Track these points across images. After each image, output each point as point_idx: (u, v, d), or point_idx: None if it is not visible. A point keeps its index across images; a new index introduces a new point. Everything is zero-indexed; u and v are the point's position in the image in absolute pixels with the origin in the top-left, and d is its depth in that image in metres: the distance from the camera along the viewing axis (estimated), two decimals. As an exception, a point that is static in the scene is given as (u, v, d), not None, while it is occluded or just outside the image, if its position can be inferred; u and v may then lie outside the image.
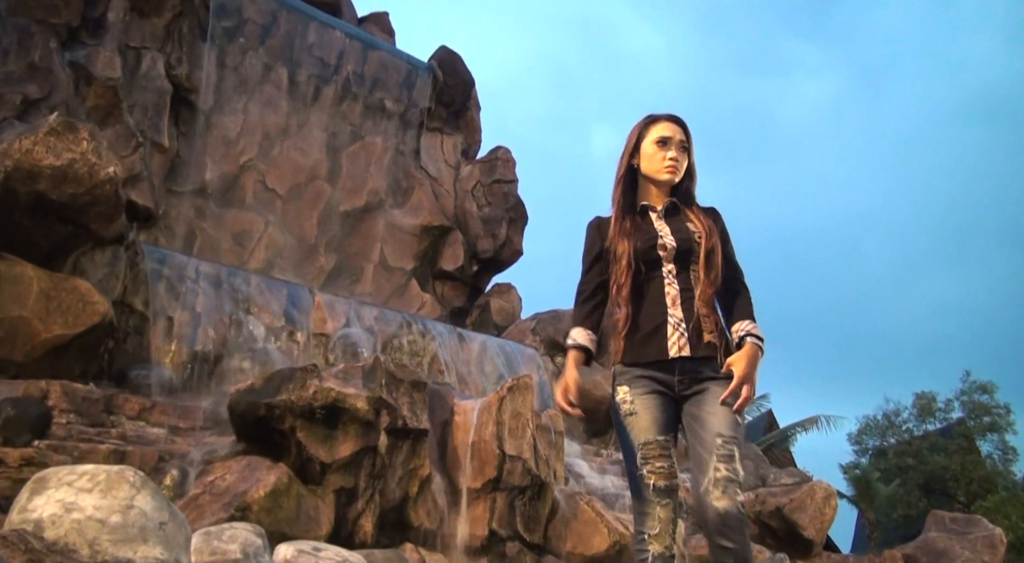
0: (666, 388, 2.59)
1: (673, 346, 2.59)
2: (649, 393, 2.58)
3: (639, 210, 2.78)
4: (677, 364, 2.58)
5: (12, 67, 5.97)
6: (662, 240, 2.68)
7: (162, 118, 7.24)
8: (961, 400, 21.33)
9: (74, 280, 4.98)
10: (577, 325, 2.77)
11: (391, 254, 9.12)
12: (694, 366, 2.58)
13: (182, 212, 7.49)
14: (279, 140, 8.49)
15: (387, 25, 10.20)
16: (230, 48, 7.93)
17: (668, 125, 2.81)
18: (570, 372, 2.69)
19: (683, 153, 2.79)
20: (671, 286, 2.66)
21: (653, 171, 2.76)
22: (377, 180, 9.20)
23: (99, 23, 6.80)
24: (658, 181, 2.77)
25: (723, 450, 2.44)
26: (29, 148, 4.85)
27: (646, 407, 2.56)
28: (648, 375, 2.60)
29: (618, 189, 2.81)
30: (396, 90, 9.57)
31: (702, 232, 2.69)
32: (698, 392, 2.57)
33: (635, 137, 2.83)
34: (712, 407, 2.52)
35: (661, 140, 2.76)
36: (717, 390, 2.53)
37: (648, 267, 2.66)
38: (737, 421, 2.52)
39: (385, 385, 4.46)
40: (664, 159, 2.75)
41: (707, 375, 2.57)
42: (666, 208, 2.78)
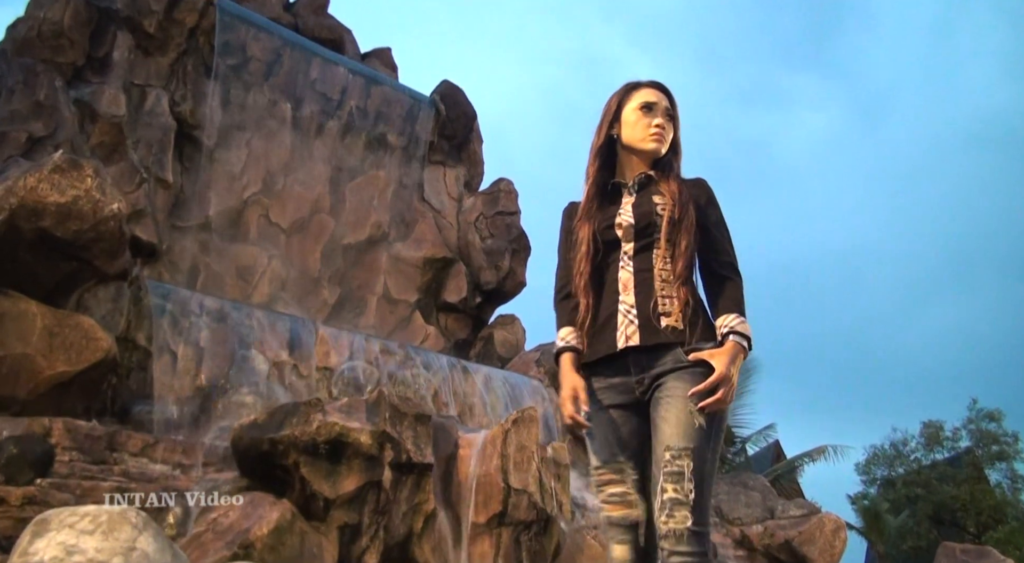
0: (626, 395, 2.26)
1: (620, 336, 2.24)
2: (606, 407, 2.27)
3: (610, 188, 2.45)
4: (630, 359, 2.24)
5: (17, 106, 6.02)
6: (619, 218, 2.36)
7: (166, 154, 7.28)
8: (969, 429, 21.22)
9: (77, 316, 4.98)
10: (564, 324, 2.44)
11: (394, 287, 9.12)
12: (649, 359, 2.22)
13: (186, 247, 7.51)
14: (282, 174, 8.53)
15: (390, 60, 10.29)
16: (234, 85, 8.00)
17: (652, 91, 2.47)
18: (569, 377, 2.33)
19: (669, 122, 2.44)
20: (624, 269, 2.32)
21: (637, 140, 2.42)
22: (380, 213, 9.22)
23: (104, 62, 6.87)
24: (642, 151, 2.43)
25: (670, 467, 2.09)
26: (34, 185, 4.87)
27: (599, 424, 2.26)
28: (606, 385, 2.28)
29: (594, 163, 2.47)
30: (399, 124, 9.62)
31: (669, 203, 2.32)
32: (657, 389, 2.21)
33: (615, 104, 2.48)
34: (665, 409, 2.16)
35: (645, 105, 2.43)
36: (675, 386, 2.17)
37: (607, 250, 2.36)
38: (695, 425, 2.13)
39: (389, 419, 4.43)
40: (649, 126, 2.41)
41: (668, 367, 2.21)
42: (639, 181, 2.43)
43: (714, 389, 2.14)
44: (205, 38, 7.64)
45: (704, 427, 2.13)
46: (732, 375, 2.16)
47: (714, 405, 2.13)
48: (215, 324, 6.05)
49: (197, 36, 7.59)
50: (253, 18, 8.11)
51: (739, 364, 2.20)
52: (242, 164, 8.17)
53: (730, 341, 2.22)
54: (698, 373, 2.16)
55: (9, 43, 6.40)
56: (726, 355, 2.18)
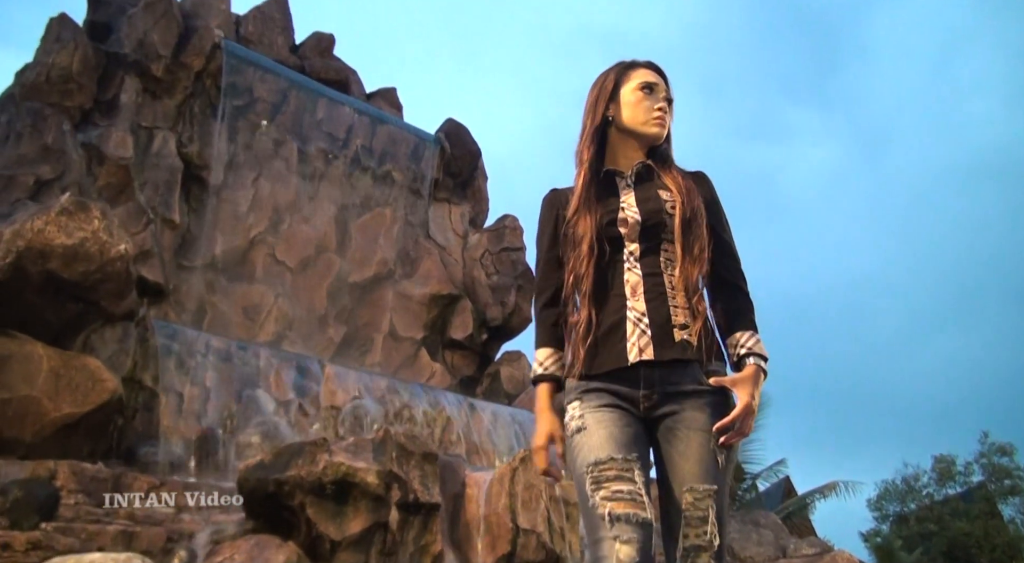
0: (629, 404, 1.97)
1: (633, 348, 1.97)
2: (604, 406, 1.97)
3: (603, 176, 2.17)
4: (641, 373, 1.97)
5: (25, 149, 6.07)
6: (623, 213, 2.07)
7: (173, 195, 7.32)
8: (980, 463, 20.99)
9: (84, 358, 4.98)
10: (543, 344, 2.13)
11: (400, 324, 9.11)
12: (663, 375, 1.96)
13: (192, 287, 7.52)
14: (289, 213, 8.57)
15: (395, 100, 10.38)
16: (241, 125, 8.06)
17: (651, 71, 2.23)
18: (545, 419, 2.04)
19: (668, 107, 2.22)
20: (631, 272, 2.04)
21: (639, 123, 2.16)
22: (386, 250, 9.24)
23: (112, 105, 6.94)
24: (642, 136, 2.17)
25: (693, 511, 1.87)
26: (41, 228, 4.90)
27: (599, 421, 1.95)
28: (605, 388, 1.98)
29: (589, 147, 2.17)
30: (404, 162, 9.68)
31: (677, 199, 2.08)
32: (669, 415, 1.96)
33: (611, 84, 2.21)
34: (685, 444, 1.92)
35: (646, 86, 2.19)
36: (694, 417, 1.93)
37: (610, 250, 2.06)
38: (717, 463, 1.91)
39: (396, 458, 4.40)
40: (652, 109, 2.17)
41: (683, 388, 1.96)
42: (637, 172, 2.17)
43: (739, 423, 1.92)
44: (212, 80, 7.72)
45: (723, 465, 1.93)
46: (756, 404, 1.94)
47: (737, 439, 1.93)
48: (221, 364, 6.04)
49: (204, 79, 7.67)
50: (259, 60, 8.19)
51: (760, 390, 1.98)
52: (248, 203, 8.21)
53: (751, 365, 1.99)
54: (718, 402, 1.95)
55: (18, 88, 6.48)
56: (749, 382, 1.95)
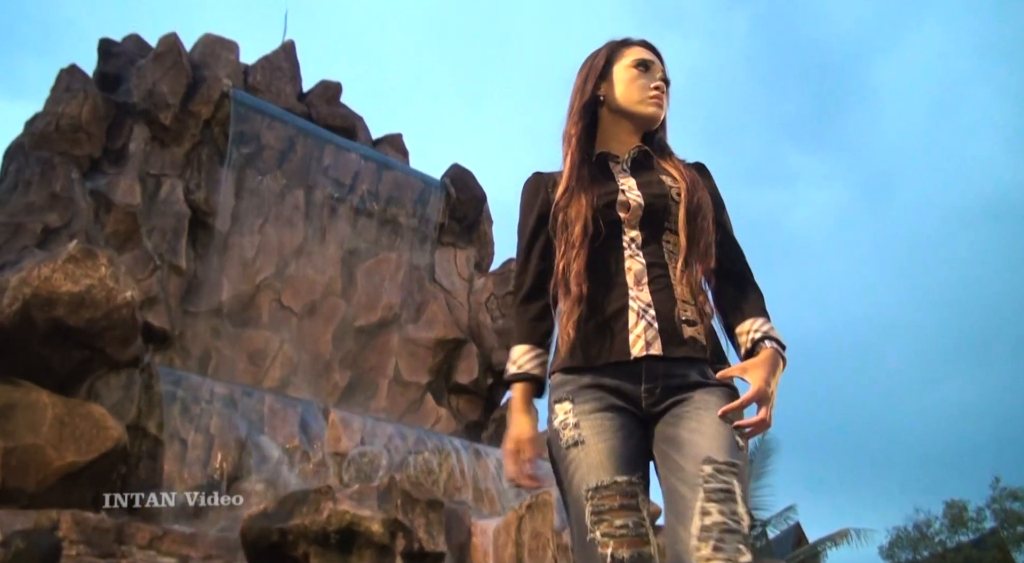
0: (628, 402, 1.75)
1: (638, 340, 1.75)
2: (603, 410, 1.73)
3: (596, 159, 1.96)
4: (644, 367, 1.75)
5: (34, 197, 6.13)
6: (623, 196, 1.87)
7: (180, 241, 7.36)
8: (992, 508, 20.71)
9: (89, 405, 4.97)
10: (520, 341, 1.92)
11: (406, 369, 9.10)
12: (668, 369, 1.75)
13: (198, 332, 7.53)
14: (295, 258, 8.60)
15: (401, 145, 10.48)
16: (248, 172, 8.14)
17: (646, 50, 2.04)
18: (518, 421, 1.85)
19: (666, 90, 2.02)
20: (634, 259, 1.84)
21: (634, 101, 1.97)
22: (392, 295, 9.26)
23: (121, 153, 7.02)
24: (637, 116, 1.97)
25: (715, 483, 1.58)
26: (48, 275, 4.92)
27: (598, 431, 1.71)
28: (599, 384, 1.76)
29: (577, 125, 1.97)
30: (410, 207, 9.75)
31: (682, 186, 1.89)
32: (676, 404, 1.74)
33: (602, 61, 2.02)
34: (697, 422, 1.69)
35: (641, 63, 2.00)
36: (706, 399, 1.72)
37: (607, 235, 1.85)
38: (737, 443, 1.67)
39: (401, 506, 4.37)
40: (647, 87, 1.98)
41: (690, 381, 1.75)
42: (633, 157, 1.97)
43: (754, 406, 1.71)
44: (220, 128, 7.81)
45: (744, 448, 1.69)
46: (772, 391, 1.72)
47: (757, 427, 1.69)
48: (226, 410, 6.02)
49: (212, 127, 7.76)
50: (267, 108, 8.29)
51: (778, 379, 1.76)
52: (255, 249, 8.25)
53: (767, 347, 1.78)
54: (729, 394, 1.74)
55: (27, 137, 6.56)
56: (763, 366, 1.74)
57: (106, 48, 7.82)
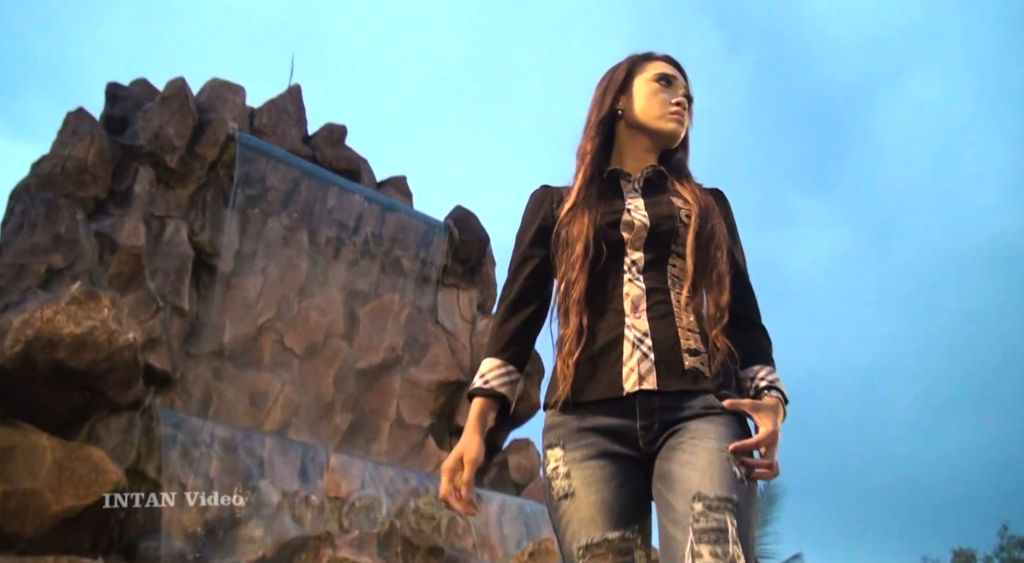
0: (623, 444, 1.63)
1: (631, 375, 1.63)
2: (595, 457, 1.62)
3: (607, 176, 1.85)
4: (638, 403, 1.62)
5: (38, 239, 6.15)
6: (628, 215, 1.75)
7: (183, 282, 7.37)
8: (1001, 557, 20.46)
9: (88, 449, 4.94)
10: (491, 354, 1.82)
11: (407, 411, 9.05)
12: (665, 404, 1.62)
13: (199, 374, 7.50)
14: (297, 300, 8.60)
15: (405, 188, 10.53)
16: (252, 214, 8.17)
17: (669, 66, 1.93)
18: (467, 438, 1.74)
19: (688, 107, 1.91)
20: (633, 284, 1.71)
21: (653, 117, 1.85)
22: (394, 336, 9.24)
23: (126, 195, 7.05)
24: (656, 132, 1.86)
25: (705, 522, 1.45)
26: (50, 317, 4.92)
27: (589, 482, 1.59)
28: (592, 426, 1.64)
29: (593, 140, 1.86)
30: (413, 248, 9.77)
31: (694, 209, 1.76)
32: (672, 435, 1.61)
33: (622, 74, 1.92)
34: (690, 453, 1.55)
35: (663, 77, 1.89)
36: (704, 428, 1.58)
37: (608, 257, 1.73)
38: (735, 474, 1.52)
39: (401, 553, 4.32)
40: (668, 102, 1.86)
41: (691, 413, 1.61)
42: (646, 176, 1.85)
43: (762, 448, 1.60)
44: (225, 170, 7.86)
45: (745, 482, 1.54)
46: (778, 437, 1.63)
47: (764, 474, 1.58)
48: (225, 454, 5.98)
49: (217, 169, 7.81)
50: (272, 151, 8.36)
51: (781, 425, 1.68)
52: (258, 290, 8.25)
53: (773, 398, 1.68)
54: (733, 422, 1.62)
55: (33, 179, 6.60)
56: (772, 413, 1.65)
57: (114, 92, 7.90)
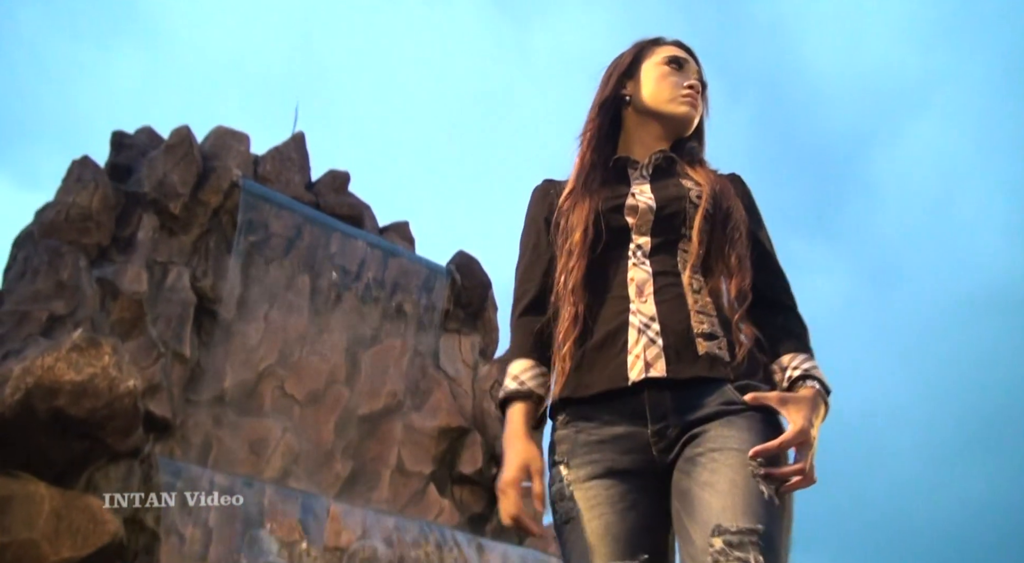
0: (635, 455, 1.43)
1: (636, 362, 1.45)
2: (599, 477, 1.43)
3: (613, 164, 1.71)
4: (647, 398, 1.43)
5: (40, 286, 6.16)
6: (633, 199, 1.61)
7: (185, 329, 7.37)
8: (1012, 604, 20.15)
9: (86, 498, 4.89)
10: (519, 355, 1.62)
11: (409, 458, 8.98)
12: (678, 400, 1.42)
13: (199, 421, 7.46)
14: (299, 346, 8.59)
15: (407, 233, 10.57)
16: (255, 260, 8.20)
17: (680, 50, 1.78)
18: (517, 448, 1.50)
19: (702, 93, 1.77)
20: (638, 268, 1.55)
21: (662, 100, 1.71)
22: (395, 382, 9.21)
23: (129, 241, 7.08)
24: (667, 117, 1.71)
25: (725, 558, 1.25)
26: (51, 364, 4.91)
27: (592, 506, 1.41)
28: (601, 437, 1.44)
29: (594, 122, 1.73)
30: (415, 294, 9.77)
31: (705, 189, 1.62)
32: (690, 441, 1.40)
33: (628, 58, 1.78)
34: (710, 471, 1.34)
35: (673, 60, 1.74)
36: (725, 435, 1.38)
37: (611, 243, 1.59)
38: (761, 494, 1.31)
39: (401, 606, 4.24)
40: (679, 85, 1.72)
41: (709, 411, 1.41)
42: (655, 163, 1.70)
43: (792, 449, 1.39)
44: (228, 217, 7.91)
45: (775, 501, 1.33)
46: (814, 436, 1.39)
47: (796, 483, 1.36)
48: (225, 502, 5.92)
49: (220, 215, 7.86)
50: (276, 198, 8.41)
51: (820, 424, 1.44)
52: (259, 336, 8.24)
53: (810, 387, 1.46)
54: (759, 420, 1.41)
55: (37, 226, 6.63)
56: (806, 405, 1.42)
57: (119, 140, 7.98)
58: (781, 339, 1.56)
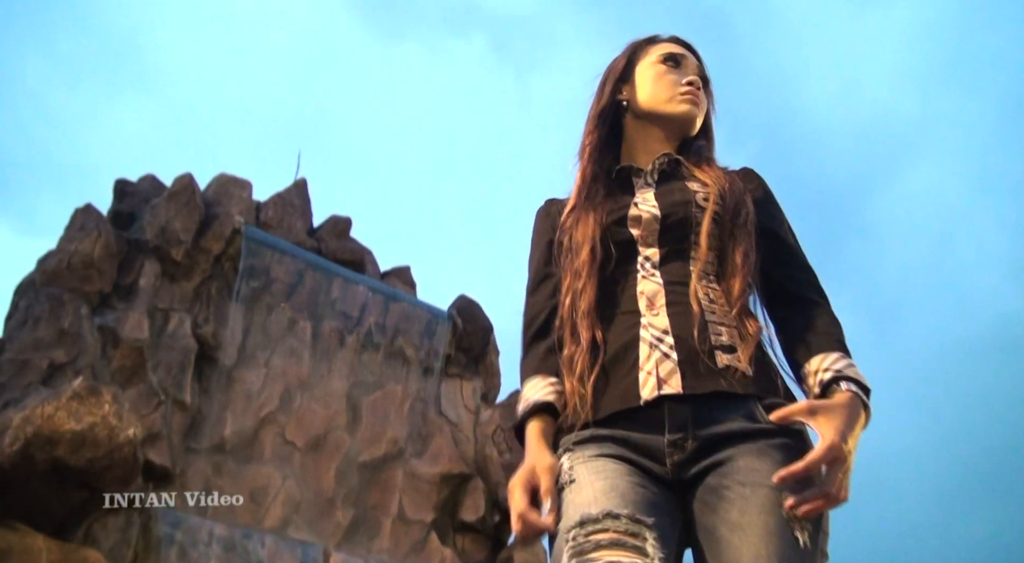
0: (646, 459, 1.32)
1: (648, 379, 1.34)
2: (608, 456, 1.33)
3: (615, 174, 1.61)
4: (665, 411, 1.32)
5: (42, 334, 6.14)
6: (636, 210, 1.51)
7: (185, 376, 7.33)
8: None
9: (85, 551, 4.83)
10: (533, 373, 1.51)
11: (410, 506, 8.87)
12: (699, 413, 1.31)
13: (199, 470, 7.39)
14: (300, 392, 8.54)
15: (409, 278, 10.57)
16: (257, 306, 8.19)
17: (676, 45, 1.68)
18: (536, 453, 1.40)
19: (705, 89, 1.66)
20: (647, 280, 1.45)
21: (661, 100, 1.61)
22: (397, 428, 9.14)
23: (131, 288, 7.08)
24: (668, 118, 1.61)
25: None
26: (51, 414, 4.88)
27: (597, 471, 1.29)
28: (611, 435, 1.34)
29: (592, 134, 1.63)
30: (417, 338, 9.75)
31: (712, 190, 1.50)
32: (712, 469, 1.29)
33: (623, 61, 1.68)
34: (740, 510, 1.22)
35: (669, 57, 1.64)
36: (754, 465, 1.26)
37: (619, 258, 1.49)
38: (796, 541, 1.19)
39: (404, 661, 4.16)
40: (678, 83, 1.62)
41: (732, 428, 1.30)
42: (660, 168, 1.60)
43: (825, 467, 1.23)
44: (230, 263, 7.92)
45: (808, 548, 1.20)
46: (850, 451, 1.25)
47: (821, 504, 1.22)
48: (224, 553, 5.84)
49: (222, 262, 7.87)
50: (277, 243, 8.43)
51: (858, 436, 1.30)
52: (260, 383, 8.20)
53: (844, 391, 1.32)
54: (791, 446, 1.29)
55: (39, 274, 6.63)
56: (839, 413, 1.28)
57: (122, 188, 8.03)
58: (810, 338, 1.41)
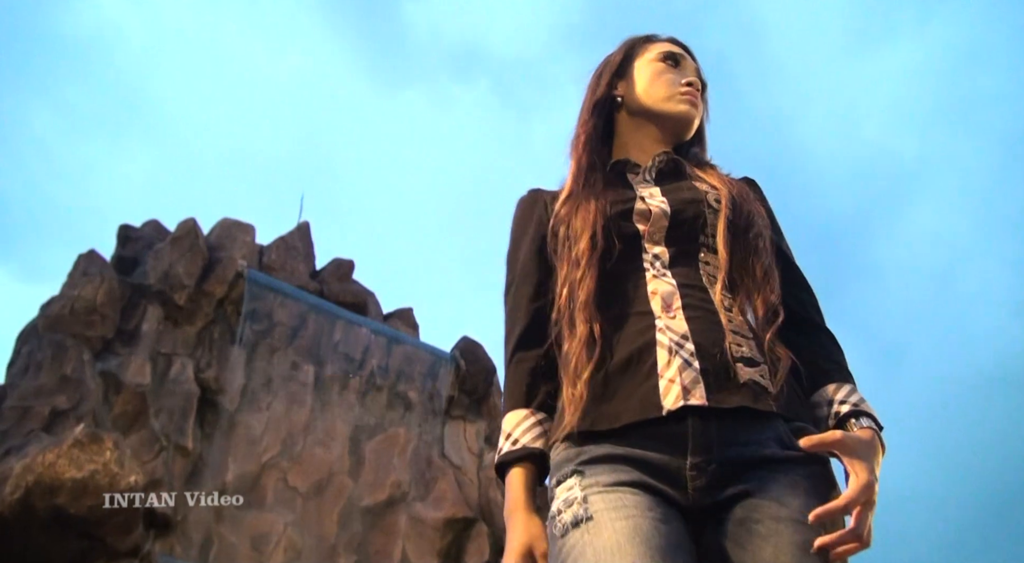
0: (666, 483, 1.19)
1: (671, 387, 1.23)
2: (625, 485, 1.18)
3: (611, 167, 1.54)
4: (689, 428, 1.21)
5: (44, 380, 6.12)
6: (642, 203, 1.42)
7: (187, 421, 7.30)
8: None
9: (84, 601, 4.76)
10: (516, 405, 1.38)
11: (413, 552, 8.77)
12: (724, 433, 1.21)
13: (201, 517, 7.31)
14: (302, 436, 8.49)
15: (412, 320, 10.56)
16: (259, 349, 8.18)
17: (675, 46, 1.62)
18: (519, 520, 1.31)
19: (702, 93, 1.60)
20: (660, 280, 1.35)
21: (658, 99, 1.54)
22: (400, 472, 9.06)
23: (133, 333, 7.07)
24: (665, 117, 1.54)
25: None
26: (52, 461, 4.84)
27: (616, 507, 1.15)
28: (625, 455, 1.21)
29: (586, 124, 1.55)
30: (420, 381, 9.71)
31: (723, 192, 1.43)
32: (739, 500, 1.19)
33: (620, 56, 1.61)
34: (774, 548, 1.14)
35: (668, 55, 1.58)
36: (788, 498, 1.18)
37: (622, 253, 1.38)
38: None
39: None
40: (676, 82, 1.56)
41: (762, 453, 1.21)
42: (658, 166, 1.52)
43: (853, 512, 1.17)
44: (233, 307, 7.92)
45: None
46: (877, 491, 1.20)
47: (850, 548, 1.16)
48: (226, 602, 5.75)
49: (225, 305, 7.87)
50: (280, 287, 8.44)
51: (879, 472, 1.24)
52: (263, 427, 8.15)
53: (864, 428, 1.25)
54: (820, 477, 1.22)
55: (42, 320, 6.63)
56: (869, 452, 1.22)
57: (125, 233, 8.06)
58: (821, 365, 1.36)
